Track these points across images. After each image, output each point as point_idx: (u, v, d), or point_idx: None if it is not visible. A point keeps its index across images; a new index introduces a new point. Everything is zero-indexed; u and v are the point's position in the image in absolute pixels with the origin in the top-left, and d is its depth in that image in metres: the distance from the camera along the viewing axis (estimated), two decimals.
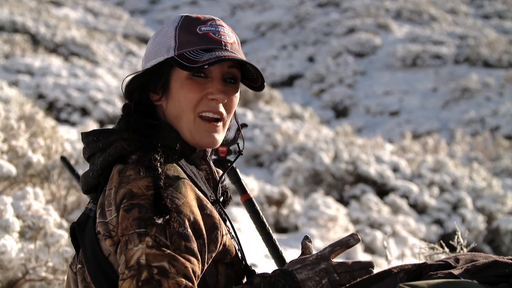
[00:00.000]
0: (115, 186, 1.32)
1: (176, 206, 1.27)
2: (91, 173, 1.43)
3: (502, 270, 1.36)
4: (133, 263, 1.20)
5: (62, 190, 4.19)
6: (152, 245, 1.21)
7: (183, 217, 1.27)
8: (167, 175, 1.32)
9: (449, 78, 25.98)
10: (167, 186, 1.29)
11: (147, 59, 1.48)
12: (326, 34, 33.98)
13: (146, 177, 1.30)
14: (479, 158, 14.06)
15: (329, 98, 26.05)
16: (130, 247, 1.22)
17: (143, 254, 1.20)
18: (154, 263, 1.19)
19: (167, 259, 1.20)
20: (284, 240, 7.02)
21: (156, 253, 1.20)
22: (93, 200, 1.46)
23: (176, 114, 1.44)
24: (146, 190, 1.28)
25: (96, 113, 12.83)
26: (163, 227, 1.23)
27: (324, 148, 10.94)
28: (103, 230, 1.32)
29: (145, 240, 1.21)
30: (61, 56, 18.45)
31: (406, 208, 9.07)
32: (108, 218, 1.31)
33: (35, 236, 3.07)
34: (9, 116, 4.99)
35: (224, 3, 42.30)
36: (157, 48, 1.46)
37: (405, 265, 1.43)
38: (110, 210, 1.31)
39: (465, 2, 37.44)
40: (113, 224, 1.29)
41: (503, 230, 9.18)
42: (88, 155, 1.48)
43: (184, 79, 1.43)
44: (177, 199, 1.28)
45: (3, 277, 2.88)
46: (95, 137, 1.45)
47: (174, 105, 1.44)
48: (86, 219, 1.43)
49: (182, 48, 1.42)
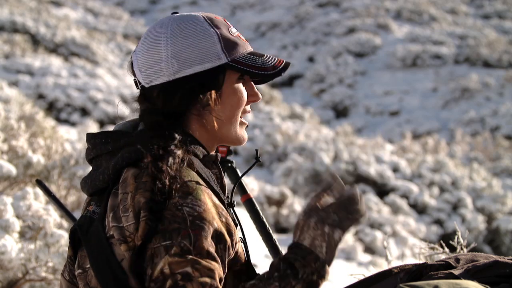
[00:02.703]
0: (132, 192, 1.30)
1: (198, 213, 1.27)
2: (101, 176, 1.39)
3: (503, 270, 1.36)
4: (158, 274, 1.20)
5: (62, 190, 4.19)
6: (175, 253, 1.21)
7: (206, 223, 1.26)
8: (184, 182, 1.31)
9: (449, 78, 25.98)
10: (186, 195, 1.29)
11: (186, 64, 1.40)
12: (326, 34, 33.97)
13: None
14: (479, 158, 14.05)
15: (329, 98, 26.04)
16: (156, 261, 1.22)
17: (166, 264, 1.20)
18: (177, 270, 1.19)
19: (190, 264, 1.20)
20: (284, 240, 7.02)
21: (179, 260, 1.20)
22: (96, 202, 1.44)
23: (227, 118, 1.45)
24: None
25: (96, 113, 12.83)
26: (187, 234, 1.23)
27: (324, 148, 10.94)
28: (118, 234, 1.30)
29: (171, 251, 1.21)
30: (61, 56, 18.45)
31: (406, 208, 9.07)
32: (124, 223, 1.29)
33: (35, 236, 3.07)
34: (9, 116, 4.99)
35: (224, 3, 42.30)
36: (198, 52, 1.40)
37: (405, 265, 1.43)
38: (127, 216, 1.29)
39: (465, 2, 37.43)
40: (130, 230, 1.28)
41: (503, 230, 9.18)
42: (93, 156, 1.45)
43: (234, 84, 1.45)
44: (198, 206, 1.28)
45: (3, 277, 2.88)
46: (103, 139, 1.43)
47: (224, 110, 1.44)
48: (88, 221, 1.40)
49: (232, 53, 1.43)
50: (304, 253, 1.28)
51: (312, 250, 1.29)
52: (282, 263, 1.28)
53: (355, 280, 1.47)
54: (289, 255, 1.30)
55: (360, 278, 1.78)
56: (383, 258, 6.96)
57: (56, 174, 4.24)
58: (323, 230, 1.30)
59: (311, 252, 1.28)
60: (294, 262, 1.27)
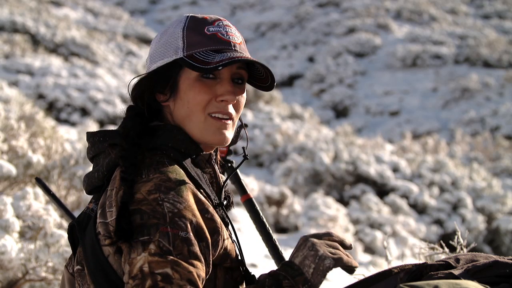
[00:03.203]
0: (117, 187, 1.32)
1: (178, 210, 1.26)
2: (97, 174, 1.43)
3: (503, 270, 1.36)
4: (136, 272, 1.19)
5: (62, 190, 4.19)
6: (154, 252, 1.20)
7: (185, 221, 1.26)
8: (168, 178, 1.31)
9: (449, 78, 25.97)
10: (168, 190, 1.29)
11: (152, 60, 1.47)
12: (326, 34, 33.97)
13: (148, 181, 1.30)
14: (479, 158, 14.05)
15: (329, 98, 26.04)
16: (133, 256, 1.21)
17: (146, 262, 1.19)
18: (157, 270, 1.18)
19: (170, 265, 1.20)
20: (284, 240, 7.02)
21: (159, 260, 1.20)
22: (95, 200, 1.46)
23: (185, 114, 1.44)
24: (147, 195, 1.28)
25: (96, 113, 12.83)
26: (165, 232, 1.22)
27: (324, 148, 10.93)
28: (103, 230, 1.32)
29: (148, 247, 1.21)
30: (61, 56, 18.44)
31: (406, 208, 9.07)
32: (108, 219, 1.31)
33: (35, 236, 3.07)
34: (9, 116, 4.99)
35: (224, 3, 42.29)
36: (163, 48, 1.45)
37: (405, 265, 1.43)
38: (111, 211, 1.31)
39: (465, 2, 37.42)
40: (113, 225, 1.28)
41: (503, 230, 9.18)
42: (92, 155, 1.48)
43: (193, 80, 1.43)
44: (179, 203, 1.28)
45: (3, 277, 2.88)
46: (101, 137, 1.45)
47: (182, 106, 1.43)
48: (87, 218, 1.42)
49: (191, 48, 1.42)
50: (294, 273, 1.30)
51: (302, 271, 1.31)
52: (269, 279, 1.30)
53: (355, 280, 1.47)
54: (279, 271, 1.32)
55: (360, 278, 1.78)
56: (383, 258, 6.96)
57: (56, 174, 4.24)
58: (316, 253, 1.33)
59: (301, 273, 1.30)
60: (282, 280, 1.29)
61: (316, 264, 1.31)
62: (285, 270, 1.31)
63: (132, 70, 19.79)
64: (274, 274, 1.31)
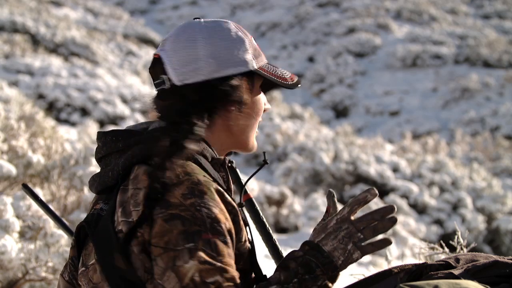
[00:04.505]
0: (145, 187, 1.30)
1: (215, 215, 1.27)
2: (111, 173, 1.40)
3: (503, 270, 1.36)
4: (188, 281, 1.20)
5: (62, 190, 4.18)
6: (204, 260, 1.21)
7: (222, 225, 1.28)
8: (198, 180, 1.31)
9: (449, 78, 25.97)
10: (202, 194, 1.29)
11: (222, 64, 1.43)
12: (326, 34, 33.97)
13: (179, 184, 1.29)
14: (479, 158, 14.05)
15: (329, 98, 26.04)
16: (179, 264, 1.22)
17: (197, 271, 1.20)
18: (208, 279, 1.20)
19: (219, 272, 1.22)
20: (284, 240, 7.02)
21: (208, 268, 1.21)
22: (104, 200, 1.44)
23: (249, 122, 1.49)
24: (183, 199, 1.27)
25: (96, 113, 12.84)
26: (208, 239, 1.24)
27: (324, 148, 10.94)
28: (127, 229, 1.30)
29: (196, 255, 1.21)
30: (61, 56, 18.44)
31: (406, 208, 9.07)
32: (134, 218, 1.30)
33: (35, 236, 3.08)
34: (9, 116, 4.99)
35: (224, 3, 42.28)
36: (230, 55, 1.43)
37: (405, 265, 1.44)
38: (138, 211, 1.29)
39: (465, 2, 37.42)
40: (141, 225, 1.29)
41: (503, 230, 9.18)
42: (103, 155, 1.45)
43: (258, 91, 1.50)
44: (213, 207, 1.28)
45: (3, 277, 2.88)
46: (114, 137, 1.43)
47: (249, 115, 1.49)
48: (96, 218, 1.40)
49: (258, 61, 1.49)
50: (325, 261, 1.31)
51: (332, 259, 1.31)
52: (300, 267, 1.30)
53: (355, 280, 1.47)
54: (308, 257, 1.31)
55: (360, 278, 1.78)
56: (383, 258, 6.96)
57: (56, 174, 4.23)
58: (346, 246, 1.32)
59: (331, 261, 1.31)
60: (316, 268, 1.30)
61: (345, 257, 1.31)
62: (316, 256, 1.31)
63: (132, 70, 19.79)
64: (305, 262, 1.30)
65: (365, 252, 1.32)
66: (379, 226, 1.32)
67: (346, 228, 1.33)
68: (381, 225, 1.32)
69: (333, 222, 1.36)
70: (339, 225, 1.34)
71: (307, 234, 7.18)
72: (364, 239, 1.32)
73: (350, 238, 1.32)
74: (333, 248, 1.32)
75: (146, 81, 18.18)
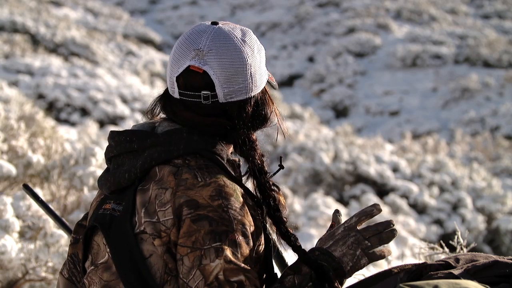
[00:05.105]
0: (172, 188, 1.31)
1: (241, 217, 1.30)
2: (127, 175, 1.39)
3: (502, 270, 1.36)
4: (212, 279, 1.23)
5: (62, 190, 4.18)
6: (229, 260, 1.24)
7: (247, 227, 1.31)
8: (224, 182, 1.33)
9: (449, 78, 25.97)
10: (229, 196, 1.31)
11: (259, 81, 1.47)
12: (326, 34, 33.97)
13: (206, 186, 1.31)
14: (479, 158, 14.05)
15: (329, 98, 26.04)
16: (205, 262, 1.24)
17: (222, 270, 1.23)
18: (232, 278, 1.23)
19: (243, 272, 1.24)
20: None
21: (233, 267, 1.24)
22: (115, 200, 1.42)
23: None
24: (211, 201, 1.29)
25: (96, 113, 12.84)
26: (234, 240, 1.26)
27: (324, 148, 10.94)
28: (151, 229, 1.31)
29: (222, 255, 1.24)
30: (61, 56, 18.45)
31: (406, 208, 9.07)
32: (161, 218, 1.31)
33: (35, 236, 3.08)
34: (9, 116, 4.99)
35: (224, 3, 42.27)
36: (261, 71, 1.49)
37: (405, 265, 1.44)
38: (164, 211, 1.31)
39: (465, 2, 37.42)
40: (167, 225, 1.30)
41: (503, 230, 9.18)
42: (115, 154, 1.44)
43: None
44: (240, 209, 1.31)
45: (3, 277, 2.88)
46: (128, 137, 1.42)
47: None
48: (109, 219, 1.39)
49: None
50: (335, 265, 1.34)
51: (341, 265, 1.34)
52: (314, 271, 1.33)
53: (355, 280, 1.48)
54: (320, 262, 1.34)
55: (360, 278, 1.78)
56: None
57: (56, 174, 4.23)
58: (355, 252, 1.36)
59: (340, 267, 1.34)
60: (328, 272, 1.32)
61: (354, 263, 1.35)
62: (327, 261, 1.34)
63: (132, 70, 19.79)
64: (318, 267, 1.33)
65: (372, 259, 1.36)
66: (383, 236, 1.38)
67: (354, 235, 1.37)
68: (385, 235, 1.38)
69: (340, 230, 1.40)
70: (347, 232, 1.38)
71: (307, 234, 7.18)
72: (371, 246, 1.37)
73: (358, 244, 1.36)
74: (343, 253, 1.36)
75: (145, 81, 18.18)
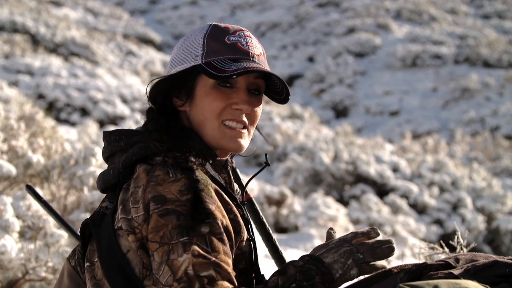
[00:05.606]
0: (143, 185, 1.32)
1: (211, 211, 1.28)
2: (112, 172, 1.43)
3: (502, 270, 1.36)
4: (181, 274, 1.21)
5: (62, 190, 4.18)
6: (198, 254, 1.22)
7: (218, 221, 1.28)
8: (197, 178, 1.33)
9: (449, 78, 25.97)
10: (199, 191, 1.30)
11: (172, 64, 1.49)
12: (326, 34, 33.97)
13: (177, 181, 1.31)
14: (479, 158, 14.05)
15: (329, 98, 26.04)
16: (173, 257, 1.23)
17: (190, 265, 1.21)
18: (202, 273, 1.21)
19: (213, 266, 1.22)
20: (284, 240, 7.02)
21: (202, 262, 1.22)
22: (109, 198, 1.46)
23: (200, 120, 1.45)
24: (179, 195, 1.28)
25: (96, 113, 12.84)
26: (202, 234, 1.25)
27: (324, 148, 10.93)
28: (126, 226, 1.32)
29: (190, 249, 1.22)
30: (61, 56, 18.44)
31: (406, 208, 9.07)
32: (133, 215, 1.32)
33: (35, 236, 3.08)
34: (9, 116, 4.99)
35: (224, 3, 42.27)
36: (184, 54, 1.47)
37: (405, 265, 1.44)
38: (136, 208, 1.31)
39: (465, 2, 37.42)
40: (139, 221, 1.30)
41: (503, 230, 9.18)
42: (109, 154, 1.48)
43: (209, 87, 1.45)
44: (210, 203, 1.30)
45: (3, 277, 2.88)
46: (117, 136, 1.46)
47: (198, 111, 1.45)
48: (101, 216, 1.43)
49: (210, 56, 1.43)
50: (323, 270, 1.32)
51: (330, 271, 1.32)
52: (299, 274, 1.30)
53: (355, 280, 1.48)
54: (309, 265, 1.32)
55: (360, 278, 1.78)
56: None
57: (56, 174, 4.23)
58: (346, 261, 1.34)
59: (329, 272, 1.32)
60: (315, 276, 1.30)
61: (343, 271, 1.33)
62: (316, 266, 1.32)
63: (132, 70, 19.79)
64: (305, 270, 1.31)
65: (362, 271, 1.35)
66: (378, 251, 1.37)
67: (347, 246, 1.37)
68: (380, 250, 1.37)
69: (335, 241, 1.39)
70: (341, 243, 1.38)
71: (307, 234, 7.18)
72: (363, 259, 1.35)
73: (350, 254, 1.35)
74: (333, 260, 1.34)
75: (145, 81, 18.17)
